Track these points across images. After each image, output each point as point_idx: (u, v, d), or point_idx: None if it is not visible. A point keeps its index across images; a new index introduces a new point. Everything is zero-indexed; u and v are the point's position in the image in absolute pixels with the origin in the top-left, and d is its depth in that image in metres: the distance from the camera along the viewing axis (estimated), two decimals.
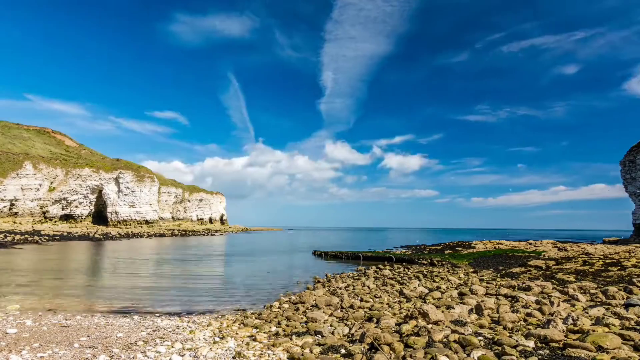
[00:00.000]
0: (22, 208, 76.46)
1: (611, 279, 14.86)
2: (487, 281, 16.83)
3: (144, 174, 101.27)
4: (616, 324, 7.70)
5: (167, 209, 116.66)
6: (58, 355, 7.03)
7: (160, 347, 7.60)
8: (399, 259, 31.24)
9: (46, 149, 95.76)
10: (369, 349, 7.06)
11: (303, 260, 33.68)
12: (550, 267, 20.39)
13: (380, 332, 7.75)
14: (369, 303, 12.12)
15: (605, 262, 19.88)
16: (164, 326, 9.70)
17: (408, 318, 9.11)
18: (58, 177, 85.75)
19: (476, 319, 9.06)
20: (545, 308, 9.48)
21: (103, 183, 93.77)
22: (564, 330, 7.47)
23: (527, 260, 25.46)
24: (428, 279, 18.54)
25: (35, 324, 9.52)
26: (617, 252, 27.07)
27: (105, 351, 7.35)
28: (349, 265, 29.09)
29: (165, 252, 39.74)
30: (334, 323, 9.50)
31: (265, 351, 7.39)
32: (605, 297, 11.19)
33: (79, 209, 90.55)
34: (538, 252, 31.87)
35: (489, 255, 31.29)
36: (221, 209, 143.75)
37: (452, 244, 51.05)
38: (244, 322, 10.14)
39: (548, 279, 16.16)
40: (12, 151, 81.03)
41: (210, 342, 8.17)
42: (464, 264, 26.75)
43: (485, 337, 7.26)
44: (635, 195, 60.75)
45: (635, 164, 60.20)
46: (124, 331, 9.00)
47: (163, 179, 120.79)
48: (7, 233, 54.69)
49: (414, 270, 23.06)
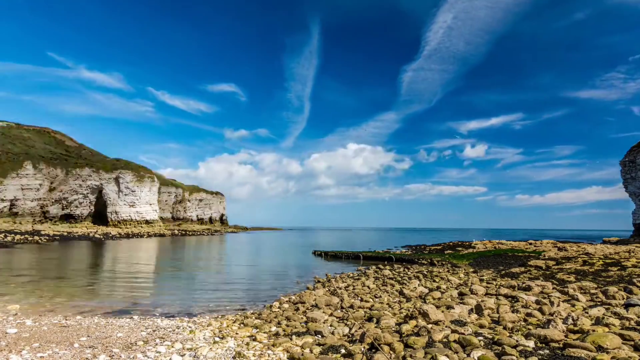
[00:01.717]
0: (22, 208, 76.43)
1: (611, 279, 14.86)
2: (487, 281, 16.82)
3: (144, 174, 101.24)
4: (616, 324, 7.69)
5: (167, 208, 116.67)
6: (58, 355, 7.03)
7: (160, 347, 7.60)
8: (399, 259, 31.24)
9: (46, 149, 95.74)
10: (369, 349, 7.06)
11: (303, 260, 33.68)
12: (550, 267, 20.39)
13: (380, 332, 7.74)
14: (369, 303, 12.11)
15: (605, 262, 19.87)
16: (164, 326, 9.70)
17: (408, 318, 9.11)
18: (58, 177, 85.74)
19: (476, 319, 9.05)
20: (545, 308, 9.48)
21: (103, 183, 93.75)
22: (564, 330, 7.46)
23: (527, 260, 25.46)
24: (428, 279, 18.53)
25: (35, 324, 9.51)
26: (617, 252, 27.06)
27: (105, 351, 7.35)
28: (349, 265, 29.08)
29: (165, 252, 39.74)
30: (334, 323, 9.49)
31: (265, 351, 7.39)
32: (605, 297, 11.19)
33: (79, 209, 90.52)
34: (538, 252, 31.87)
35: (489, 255, 31.28)
36: (221, 208, 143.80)
37: (452, 244, 51.05)
38: (244, 322, 10.14)
39: (548, 279, 16.16)
40: (12, 151, 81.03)
41: (210, 342, 8.16)
42: (464, 264, 26.75)
43: (485, 337, 7.26)
44: (635, 195, 60.74)
45: (636, 164, 60.20)
46: (124, 331, 8.99)
47: (163, 179, 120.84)
48: (7, 233, 54.68)
49: (414, 270, 23.06)
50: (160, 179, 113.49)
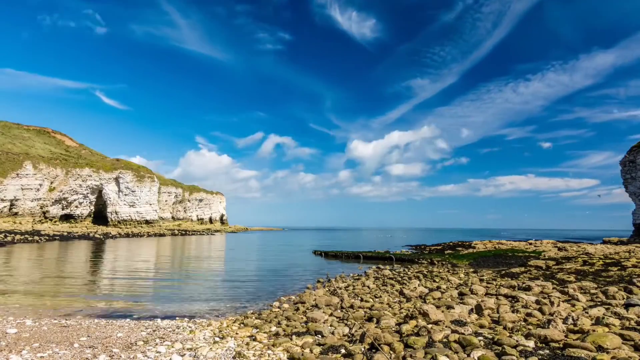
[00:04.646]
0: (22, 208, 76.44)
1: (611, 279, 14.85)
2: (487, 281, 16.82)
3: (144, 174, 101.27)
4: (616, 324, 7.69)
5: (167, 209, 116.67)
6: (58, 355, 7.03)
7: (160, 347, 7.60)
8: (399, 258, 31.24)
9: (46, 149, 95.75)
10: (369, 349, 7.05)
11: (303, 259, 33.67)
12: (550, 267, 20.38)
13: (380, 332, 7.74)
14: (369, 303, 12.11)
15: (605, 262, 19.87)
16: (164, 326, 9.70)
17: (408, 318, 9.11)
18: (58, 177, 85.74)
19: (476, 319, 9.05)
20: (545, 308, 9.47)
21: (103, 183, 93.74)
22: (564, 330, 7.46)
23: (527, 260, 25.46)
24: (428, 278, 18.52)
25: (35, 323, 9.51)
26: (617, 252, 27.07)
27: (105, 351, 7.35)
28: (349, 265, 29.07)
29: (165, 252, 39.73)
30: (334, 323, 9.49)
31: (265, 351, 7.38)
32: (605, 297, 11.18)
33: (79, 209, 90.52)
34: (538, 252, 31.89)
35: (489, 255, 31.28)
36: (221, 209, 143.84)
37: (452, 243, 51.06)
38: (244, 322, 10.14)
39: (548, 279, 16.15)
40: (12, 151, 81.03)
41: (211, 342, 8.16)
42: (464, 264, 26.75)
43: (485, 337, 7.25)
44: (635, 195, 60.77)
45: (636, 164, 60.23)
46: (124, 331, 8.99)
47: (163, 179, 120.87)
48: (7, 233, 54.67)
49: (414, 270, 23.05)
50: (160, 179, 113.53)
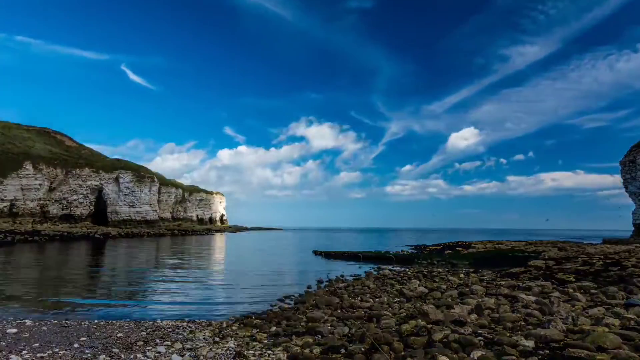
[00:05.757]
0: (22, 208, 76.44)
1: (611, 279, 14.84)
2: (487, 281, 16.81)
3: (144, 174, 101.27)
4: (616, 324, 7.69)
5: (167, 209, 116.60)
6: (58, 355, 7.03)
7: (160, 347, 7.60)
8: (399, 259, 31.24)
9: (46, 149, 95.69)
10: (369, 348, 7.05)
11: (303, 259, 33.67)
12: (550, 267, 20.36)
13: (380, 332, 7.74)
14: (368, 303, 12.11)
15: (605, 262, 19.85)
16: (163, 326, 9.70)
17: (408, 318, 9.11)
18: (58, 177, 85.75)
19: (476, 318, 9.05)
20: (545, 308, 9.47)
21: (103, 183, 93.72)
22: (564, 330, 7.46)
23: (527, 260, 25.45)
24: (428, 279, 18.52)
25: (35, 324, 9.51)
26: (617, 252, 27.06)
27: (105, 351, 7.34)
28: (349, 265, 29.07)
29: (165, 252, 39.72)
30: (334, 323, 9.49)
31: (265, 351, 7.38)
32: (605, 297, 11.18)
33: (79, 209, 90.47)
34: (538, 252, 31.87)
35: (489, 255, 31.28)
36: (221, 208, 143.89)
37: (452, 244, 51.03)
38: (243, 322, 10.14)
39: (548, 279, 16.14)
40: (12, 151, 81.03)
41: (210, 342, 8.16)
42: (464, 264, 26.75)
43: (485, 337, 7.25)
44: (635, 195, 60.77)
45: (636, 164, 60.23)
46: (124, 331, 8.99)
47: (163, 179, 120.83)
48: (7, 233, 54.65)
49: (414, 270, 23.04)
50: (160, 179, 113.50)
